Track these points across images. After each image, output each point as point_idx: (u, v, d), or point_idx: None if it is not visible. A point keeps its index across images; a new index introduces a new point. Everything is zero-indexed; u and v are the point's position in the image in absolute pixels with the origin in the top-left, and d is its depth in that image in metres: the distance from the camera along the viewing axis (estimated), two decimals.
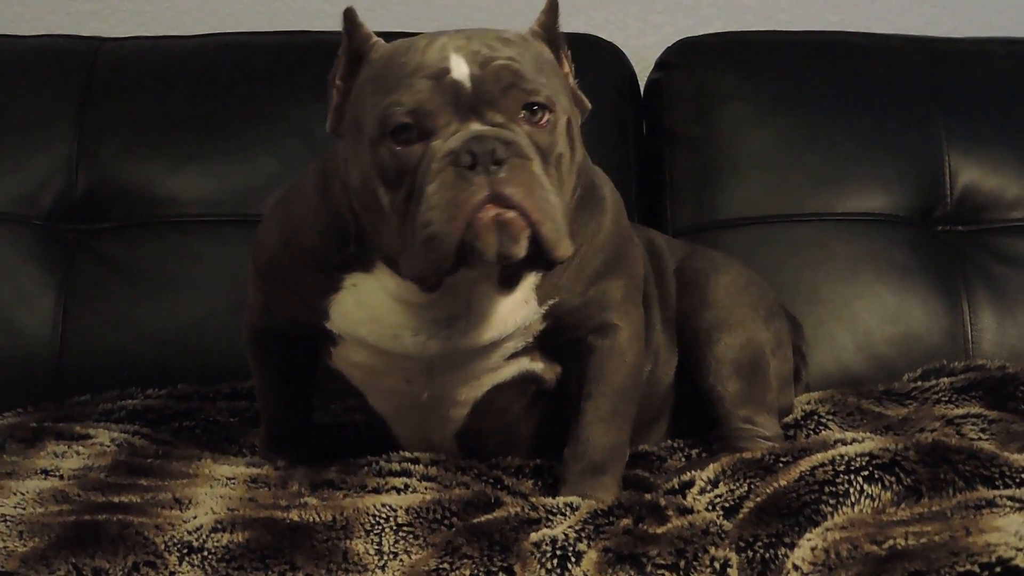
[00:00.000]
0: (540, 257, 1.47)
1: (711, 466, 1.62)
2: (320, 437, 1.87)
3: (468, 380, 1.68)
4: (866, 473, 1.47)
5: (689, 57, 2.43)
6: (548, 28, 1.60)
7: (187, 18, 2.62)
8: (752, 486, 1.53)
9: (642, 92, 2.47)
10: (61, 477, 1.65)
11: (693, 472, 1.64)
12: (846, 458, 1.49)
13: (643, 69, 2.48)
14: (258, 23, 2.59)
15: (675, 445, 1.88)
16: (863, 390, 2.06)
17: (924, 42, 2.45)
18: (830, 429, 1.91)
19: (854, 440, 1.63)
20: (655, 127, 2.42)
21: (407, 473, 1.66)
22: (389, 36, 2.33)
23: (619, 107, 2.40)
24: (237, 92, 2.34)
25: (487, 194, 1.43)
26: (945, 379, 2.03)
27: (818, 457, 1.52)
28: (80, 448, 1.78)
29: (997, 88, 2.39)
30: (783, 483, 1.48)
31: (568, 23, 2.56)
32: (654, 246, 1.93)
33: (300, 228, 1.66)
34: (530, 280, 1.62)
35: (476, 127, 1.47)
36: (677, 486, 1.63)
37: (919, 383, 2.05)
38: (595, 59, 2.41)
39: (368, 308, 1.61)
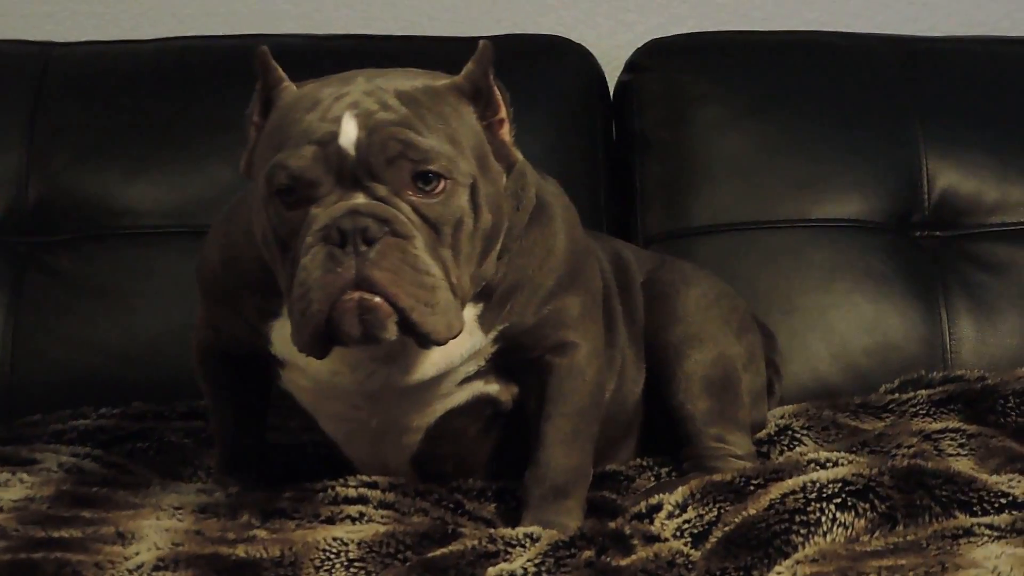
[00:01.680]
0: (417, 338, 1.44)
1: (679, 489, 1.58)
2: (277, 457, 1.82)
3: (419, 407, 1.63)
4: (839, 500, 1.43)
5: (660, 58, 2.38)
6: (475, 80, 1.50)
7: (144, 20, 2.54)
8: (722, 511, 1.50)
9: (612, 95, 2.42)
10: (0, 510, 1.59)
11: (661, 495, 1.60)
12: (818, 484, 1.46)
13: (613, 70, 2.44)
14: (217, 26, 2.52)
15: (644, 464, 1.83)
16: (839, 403, 2.01)
17: (901, 41, 2.40)
18: (805, 445, 1.87)
19: (828, 461, 1.59)
20: (625, 131, 2.38)
21: (364, 500, 1.60)
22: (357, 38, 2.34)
23: (587, 111, 2.35)
24: (194, 98, 2.28)
25: (352, 277, 1.39)
26: (923, 391, 1.99)
27: (789, 484, 1.48)
28: (24, 476, 1.72)
29: (975, 89, 2.34)
30: (752, 511, 1.45)
31: (537, 23, 2.57)
32: (621, 259, 1.88)
33: (240, 248, 1.60)
34: (469, 313, 1.56)
35: (357, 200, 1.42)
36: (644, 510, 1.59)
37: (896, 395, 2.01)
38: (562, 61, 2.37)
39: None
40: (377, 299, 1.40)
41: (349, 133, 1.42)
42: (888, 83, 2.33)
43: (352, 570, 1.39)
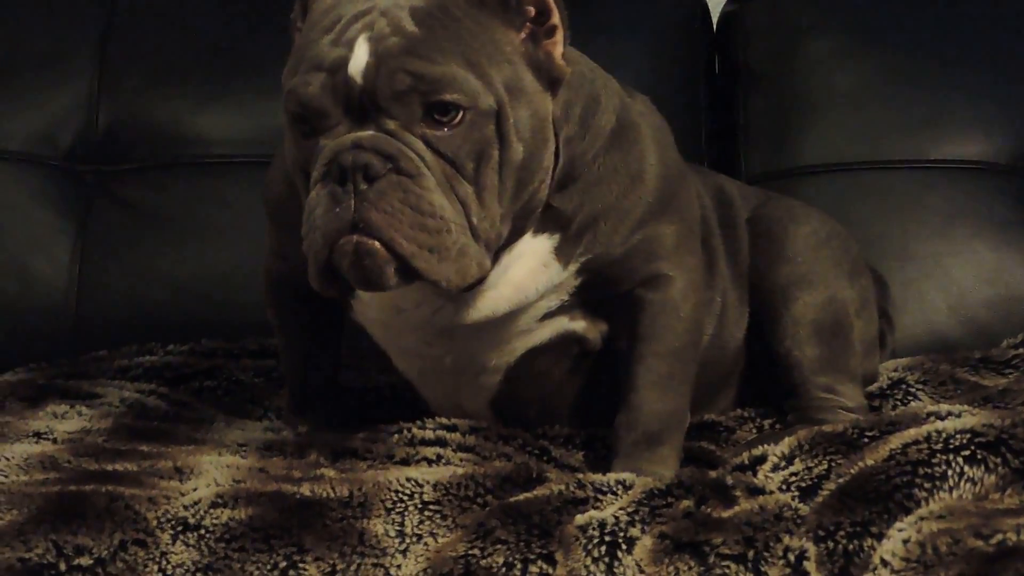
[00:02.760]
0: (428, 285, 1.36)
1: (786, 440, 1.46)
2: (351, 399, 1.74)
3: (497, 345, 1.52)
4: (967, 453, 1.29)
5: None
6: None
7: None
8: (833, 464, 1.37)
9: (715, 26, 2.32)
10: (54, 441, 1.52)
11: (765, 446, 1.48)
12: (944, 435, 1.32)
13: (716, 3, 2.33)
14: None
15: (745, 415, 1.72)
16: (957, 357, 1.89)
17: None
18: (920, 400, 1.75)
19: (951, 414, 1.46)
20: (728, 64, 2.28)
21: (442, 442, 1.51)
22: None
23: (688, 42, 2.26)
24: (269, 23, 2.17)
25: (350, 219, 1.30)
26: None
27: (910, 433, 1.35)
28: (83, 409, 1.66)
29: None
30: (869, 462, 1.32)
31: None
32: (724, 193, 1.76)
33: None
34: (543, 245, 1.46)
35: (363, 133, 1.32)
36: (747, 462, 1.47)
37: (1020, 350, 1.88)
38: None
39: None
40: (375, 243, 1.31)
41: (359, 60, 1.33)
42: (1015, 12, 2.20)
43: (427, 513, 1.29)
